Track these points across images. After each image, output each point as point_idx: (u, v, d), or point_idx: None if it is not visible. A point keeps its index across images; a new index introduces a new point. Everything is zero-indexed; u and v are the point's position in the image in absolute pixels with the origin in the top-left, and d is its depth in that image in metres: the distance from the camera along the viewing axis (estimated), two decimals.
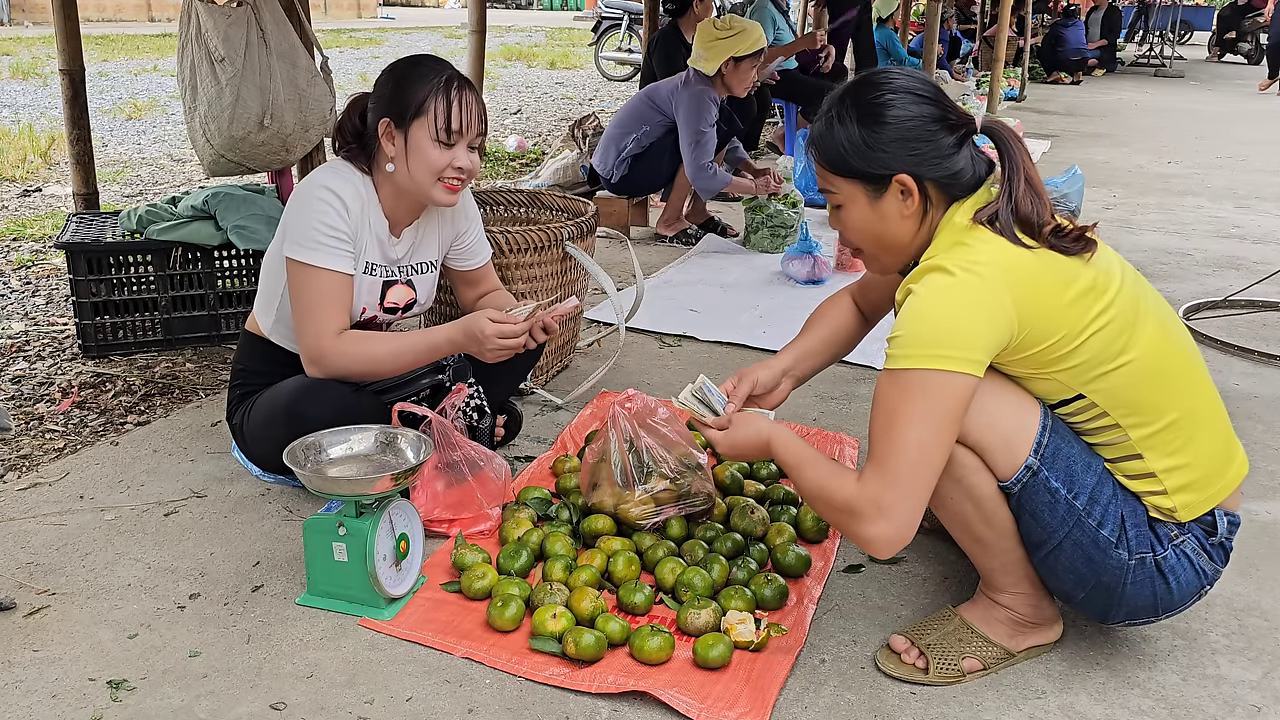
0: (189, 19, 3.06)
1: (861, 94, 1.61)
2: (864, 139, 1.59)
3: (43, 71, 10.20)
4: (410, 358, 2.14)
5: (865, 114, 1.59)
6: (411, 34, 18.94)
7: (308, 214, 2.06)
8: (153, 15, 19.12)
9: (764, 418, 1.79)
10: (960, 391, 1.50)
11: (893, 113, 1.58)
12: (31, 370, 3.03)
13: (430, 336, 2.15)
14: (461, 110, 2.07)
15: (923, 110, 1.58)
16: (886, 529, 1.52)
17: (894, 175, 1.59)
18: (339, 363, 2.09)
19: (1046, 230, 1.56)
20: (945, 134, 1.59)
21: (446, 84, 2.07)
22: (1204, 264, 4.68)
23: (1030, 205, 1.57)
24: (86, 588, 1.92)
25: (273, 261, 2.22)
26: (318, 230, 2.05)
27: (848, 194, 1.65)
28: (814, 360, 2.03)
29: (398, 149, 2.08)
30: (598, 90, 11.63)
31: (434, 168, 2.08)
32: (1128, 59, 17.27)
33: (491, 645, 1.76)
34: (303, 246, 2.06)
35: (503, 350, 2.10)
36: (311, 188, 2.10)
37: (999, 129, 1.64)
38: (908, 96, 1.59)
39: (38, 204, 5.30)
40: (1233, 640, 1.86)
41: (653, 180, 4.60)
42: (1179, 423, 1.60)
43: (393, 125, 2.07)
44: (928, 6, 7.79)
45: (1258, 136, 9.35)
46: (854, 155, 1.61)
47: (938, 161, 1.59)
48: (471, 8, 4.79)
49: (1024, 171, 1.59)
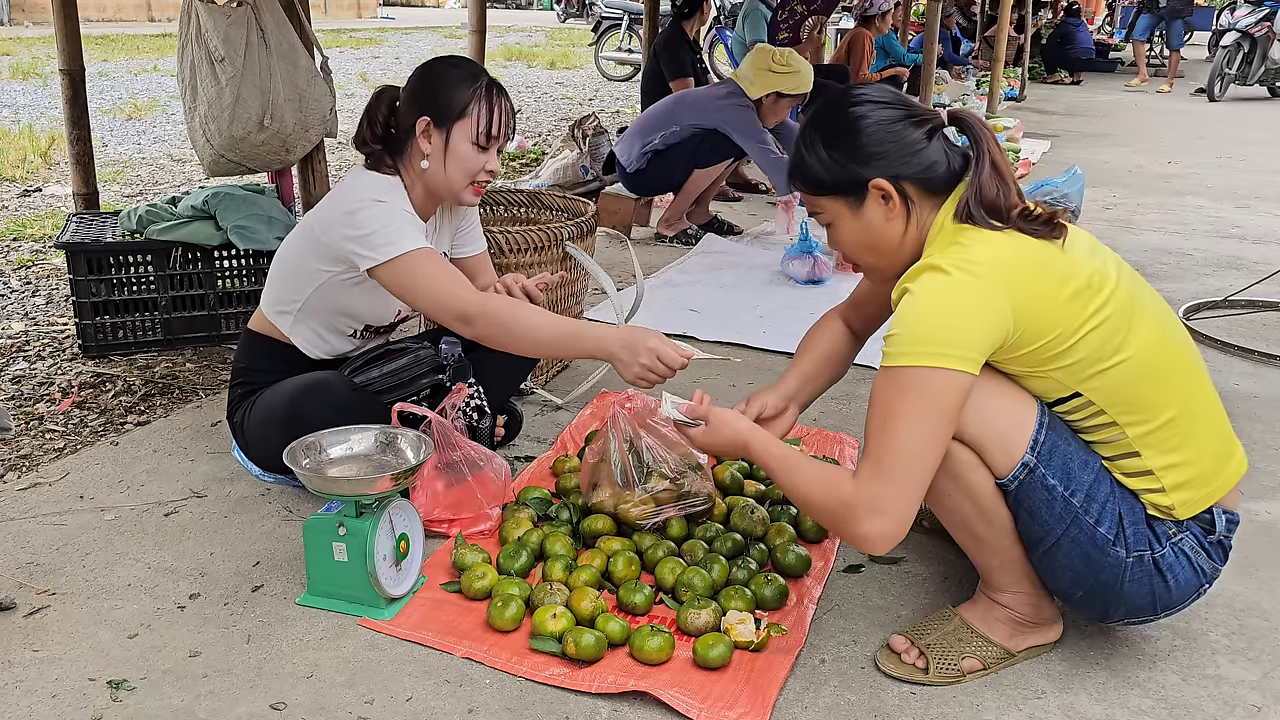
0: (189, 19, 3.06)
1: (825, 115, 1.68)
2: (833, 156, 1.64)
3: (43, 71, 10.20)
4: (555, 335, 2.03)
5: (829, 134, 1.65)
6: (411, 34, 18.94)
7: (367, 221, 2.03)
8: (153, 15, 19.11)
9: (743, 418, 1.79)
10: (956, 389, 1.50)
11: (855, 124, 1.62)
12: (31, 370, 3.04)
13: (582, 327, 2.08)
14: (501, 115, 2.12)
15: (883, 114, 1.62)
16: (882, 525, 1.52)
17: (869, 181, 1.62)
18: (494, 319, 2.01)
19: (1014, 213, 1.58)
20: (911, 130, 1.62)
21: (488, 89, 2.12)
22: (1204, 264, 4.68)
23: (995, 190, 1.58)
24: (86, 588, 1.92)
25: (292, 267, 2.19)
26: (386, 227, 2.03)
27: (833, 211, 1.69)
28: (815, 383, 2.04)
29: (435, 148, 2.11)
30: (598, 90, 11.64)
31: (470, 170, 2.12)
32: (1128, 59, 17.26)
33: (491, 645, 1.76)
34: (382, 246, 2.02)
35: (651, 374, 1.96)
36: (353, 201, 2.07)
37: (966, 117, 1.66)
38: (868, 106, 1.63)
39: (38, 204, 5.30)
40: (1233, 640, 1.86)
41: (667, 180, 4.61)
42: (1176, 420, 1.60)
43: (432, 125, 2.09)
44: (928, 6, 7.78)
45: (1258, 136, 9.35)
46: (827, 174, 1.65)
47: (907, 159, 1.61)
48: (471, 8, 4.79)
49: (990, 156, 1.60)
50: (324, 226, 2.12)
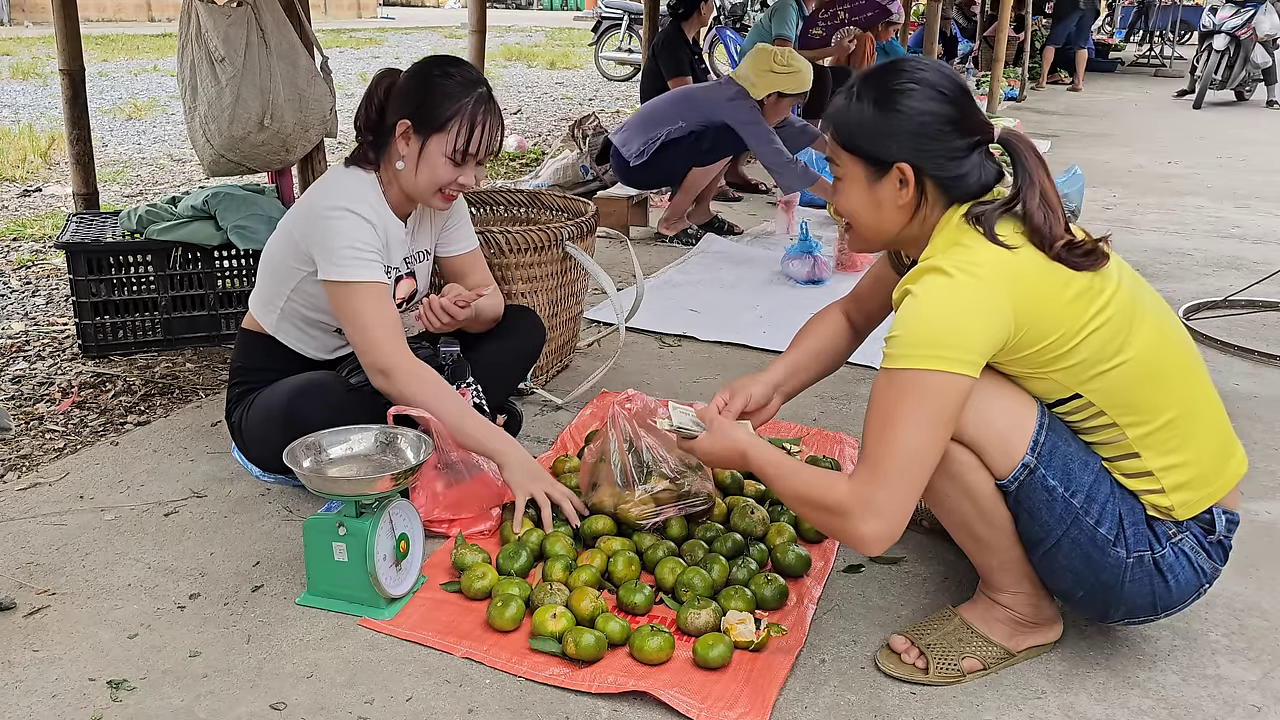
0: (189, 19, 3.06)
1: (885, 77, 1.63)
2: (874, 121, 1.61)
3: (43, 71, 10.20)
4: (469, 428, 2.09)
5: (881, 97, 1.61)
6: (411, 34, 18.94)
7: (334, 234, 2.06)
8: (153, 15, 19.11)
9: (741, 428, 1.81)
10: (956, 392, 1.50)
11: (908, 102, 1.59)
12: (31, 370, 3.04)
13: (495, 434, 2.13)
14: (482, 135, 2.10)
15: (939, 108, 1.59)
16: (878, 526, 1.52)
17: (895, 163, 1.60)
18: (409, 384, 2.05)
19: (1059, 245, 1.56)
20: (956, 137, 1.59)
21: (475, 105, 2.09)
22: (1204, 264, 4.68)
23: (1044, 219, 1.56)
24: (86, 588, 1.92)
25: (274, 264, 2.22)
26: (349, 248, 2.05)
27: (850, 170, 1.67)
28: (804, 375, 2.03)
29: (410, 152, 2.10)
30: (598, 90, 11.63)
31: (440, 182, 2.12)
32: (1128, 59, 17.27)
33: (491, 645, 1.76)
34: (338, 266, 2.05)
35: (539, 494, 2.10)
36: (328, 207, 2.09)
37: (1015, 142, 1.63)
38: (928, 90, 1.59)
39: (38, 204, 5.30)
40: (1233, 640, 1.86)
41: (666, 175, 4.60)
42: (1176, 421, 1.60)
43: (412, 129, 2.09)
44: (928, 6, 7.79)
45: (1258, 136, 9.34)
46: (861, 134, 1.63)
47: (942, 161, 1.60)
48: (471, 8, 4.79)
49: (1039, 184, 1.58)
50: (297, 225, 2.15)
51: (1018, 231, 1.58)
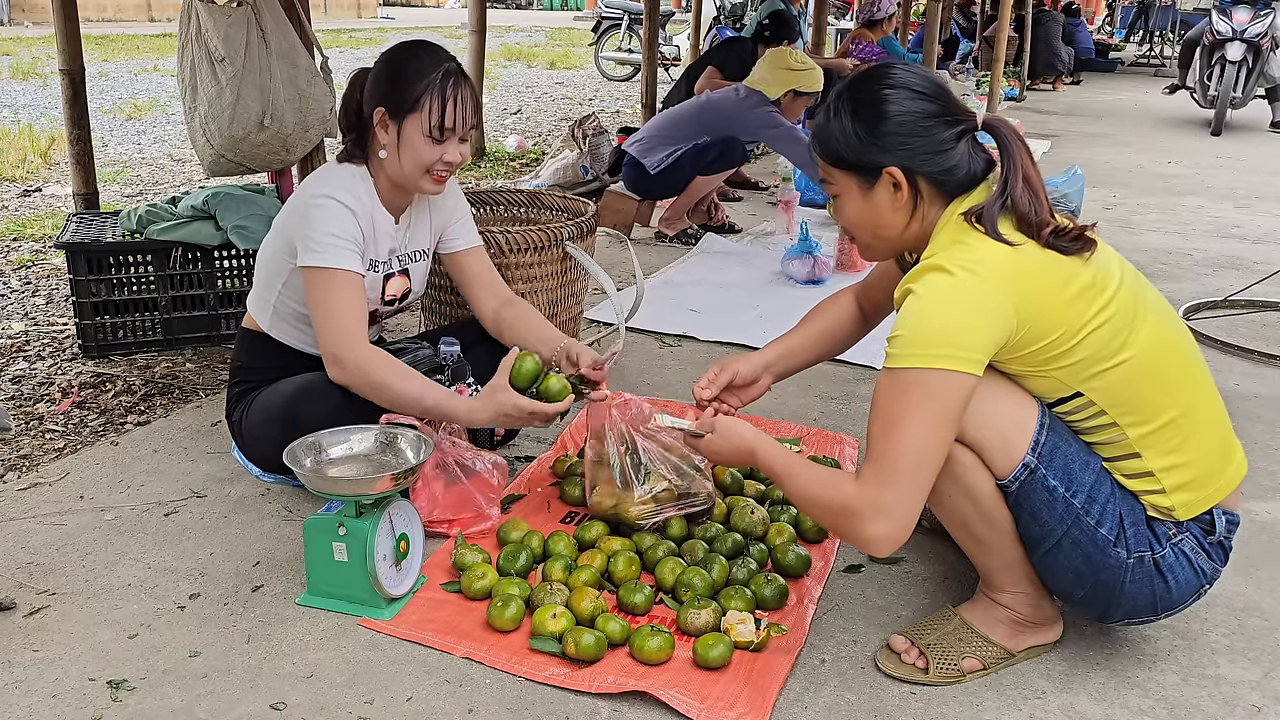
0: (189, 19, 3.06)
1: (859, 88, 1.64)
2: (856, 132, 1.61)
3: (43, 71, 10.19)
4: (429, 406, 2.06)
5: (860, 108, 1.62)
6: (411, 34, 18.80)
7: (315, 221, 2.07)
8: (153, 15, 19.11)
9: (748, 425, 1.80)
10: (960, 391, 1.50)
11: (886, 108, 1.60)
12: (31, 370, 3.03)
13: (454, 400, 2.08)
14: (456, 108, 2.09)
15: (918, 105, 1.59)
16: (886, 528, 1.52)
17: (884, 168, 1.61)
18: (360, 370, 2.03)
19: (1046, 231, 1.56)
20: (940, 129, 1.60)
21: (443, 80, 2.08)
22: (1204, 264, 4.68)
23: (1028, 204, 1.57)
24: (86, 588, 1.92)
25: (267, 259, 2.23)
26: (327, 235, 2.06)
27: (843, 184, 1.68)
28: (799, 357, 2.03)
29: (390, 139, 2.11)
30: (598, 90, 11.63)
31: (424, 162, 2.11)
32: (1128, 59, 17.27)
33: (491, 645, 1.76)
34: (315, 252, 2.06)
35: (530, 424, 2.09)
36: (312, 196, 2.10)
37: (1000, 126, 1.64)
38: (904, 92, 1.60)
39: (38, 204, 5.30)
40: (1233, 640, 1.86)
41: (675, 184, 4.60)
42: (1177, 421, 1.60)
43: (387, 115, 2.09)
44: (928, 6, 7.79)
45: (1257, 136, 9.33)
46: (846, 148, 1.63)
47: (930, 157, 1.60)
48: (471, 8, 4.79)
49: (1022, 170, 1.59)
50: (286, 218, 2.17)
51: (1014, 226, 1.58)
